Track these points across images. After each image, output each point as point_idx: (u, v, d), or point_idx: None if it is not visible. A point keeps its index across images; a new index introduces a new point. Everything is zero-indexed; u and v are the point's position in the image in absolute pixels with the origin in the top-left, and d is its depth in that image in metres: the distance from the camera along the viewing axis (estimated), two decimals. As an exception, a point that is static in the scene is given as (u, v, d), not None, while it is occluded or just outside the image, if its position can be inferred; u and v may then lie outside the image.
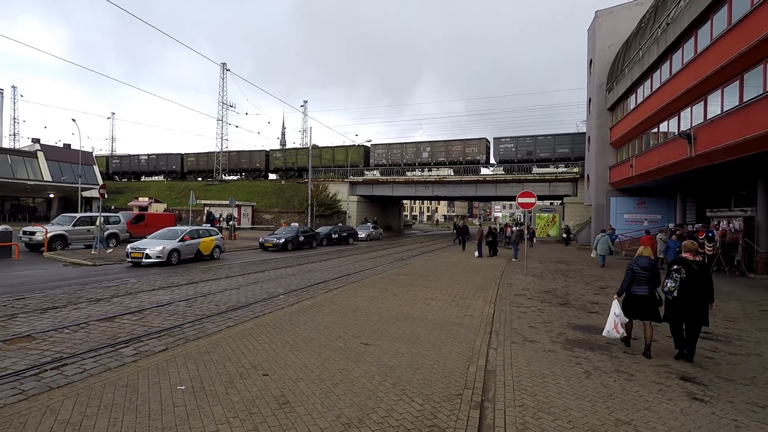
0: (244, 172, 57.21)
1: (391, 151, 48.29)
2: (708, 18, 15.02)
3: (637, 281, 6.35)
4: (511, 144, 42.17)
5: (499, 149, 42.71)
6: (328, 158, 51.16)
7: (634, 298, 6.35)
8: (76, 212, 31.30)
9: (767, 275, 15.38)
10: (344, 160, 49.43)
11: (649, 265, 6.37)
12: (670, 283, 6.01)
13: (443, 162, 45.10)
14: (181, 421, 3.94)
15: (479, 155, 43.50)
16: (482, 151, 43.54)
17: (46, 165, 42.04)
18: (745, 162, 14.07)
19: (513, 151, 41.99)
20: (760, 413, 4.46)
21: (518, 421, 4.13)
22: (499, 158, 42.62)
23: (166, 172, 61.27)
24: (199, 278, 13.21)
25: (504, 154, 42.35)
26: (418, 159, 46.61)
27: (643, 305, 6.28)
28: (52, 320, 7.74)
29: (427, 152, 46.33)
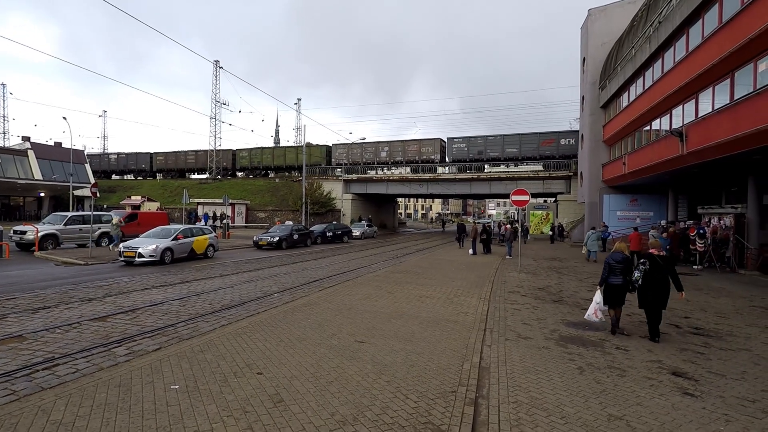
0: (211, 171, 58.23)
1: (352, 151, 49.83)
2: (699, 16, 15.14)
3: (613, 272, 7.21)
4: (463, 144, 44.21)
5: (452, 149, 44.61)
6: (291, 157, 53.36)
7: (611, 287, 7.24)
8: (68, 211, 31.00)
9: (757, 271, 15.57)
10: (308, 159, 49.91)
11: (623, 259, 7.24)
12: (636, 274, 6.97)
13: (400, 161, 46.81)
14: (175, 420, 3.93)
15: (434, 155, 45.30)
16: (436, 151, 45.39)
17: (37, 163, 41.59)
18: (735, 159, 14.21)
19: (465, 151, 43.98)
20: (750, 407, 4.52)
21: (512, 417, 4.16)
22: (452, 158, 44.36)
23: (136, 171, 61.71)
24: (193, 277, 13.14)
25: (456, 154, 44.25)
26: (377, 159, 48.25)
27: (618, 293, 7.20)
28: (43, 320, 7.67)
29: (386, 152, 47.95)
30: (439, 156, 45.22)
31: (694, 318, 8.61)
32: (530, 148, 41.23)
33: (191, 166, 59.23)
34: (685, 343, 6.79)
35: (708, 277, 14.57)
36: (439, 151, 45.22)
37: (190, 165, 59.23)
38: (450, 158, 44.56)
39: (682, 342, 6.87)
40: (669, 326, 7.85)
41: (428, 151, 45.54)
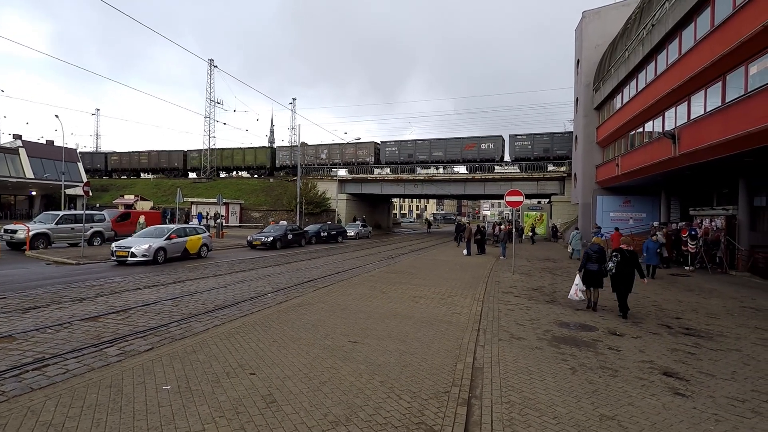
0: (164, 171, 59.32)
1: (294, 153, 51.46)
2: (692, 20, 15.26)
3: (590, 260, 9.01)
4: (395, 147, 46.88)
5: (385, 152, 47.41)
6: (238, 159, 55.09)
7: (589, 272, 9.03)
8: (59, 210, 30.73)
9: (748, 272, 15.74)
10: (253, 161, 53.85)
11: (598, 249, 9.11)
12: (611, 264, 8.72)
13: (338, 162, 48.90)
14: (166, 421, 3.90)
15: (368, 157, 47.68)
16: (371, 154, 47.66)
17: (28, 162, 41.15)
18: (727, 161, 14.35)
19: (396, 154, 46.69)
20: (740, 407, 4.56)
21: (505, 418, 4.17)
22: (385, 160, 47.16)
23: (91, 171, 61.39)
24: (186, 277, 13.07)
25: (389, 157, 46.94)
26: (317, 160, 50.58)
27: (594, 277, 9.00)
28: (33, 320, 7.60)
29: (325, 154, 50.33)
30: (373, 159, 47.54)
31: (686, 318, 8.68)
32: (454, 152, 43.53)
33: (144, 166, 60.54)
34: (677, 344, 6.85)
35: (699, 278, 14.71)
36: (373, 153, 47.49)
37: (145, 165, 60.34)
38: (383, 160, 47.37)
39: (673, 342, 6.93)
40: (660, 327, 7.92)
41: (363, 153, 47.95)
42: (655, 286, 12.82)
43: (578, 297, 9.09)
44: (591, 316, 8.71)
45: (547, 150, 40.39)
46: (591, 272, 8.99)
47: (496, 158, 42.37)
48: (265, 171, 53.24)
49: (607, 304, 9.62)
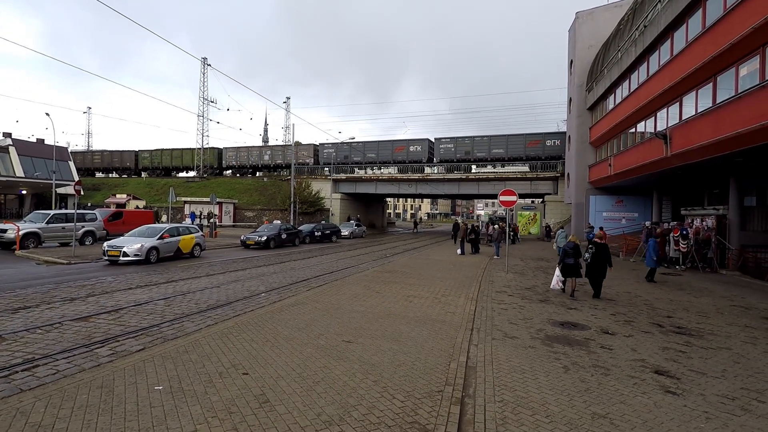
0: (116, 170, 60.82)
1: (239, 154, 54.83)
2: (683, 21, 15.41)
3: (567, 255, 10.55)
4: (332, 149, 49.36)
5: (323, 153, 50.14)
6: (177, 158, 57.44)
7: (566, 265, 10.58)
8: (50, 209, 30.38)
9: (738, 271, 15.92)
10: (191, 161, 56.49)
11: (573, 246, 10.63)
12: (587, 255, 10.39)
13: (281, 164, 52.79)
14: (158, 421, 3.87)
15: (308, 159, 50.81)
16: (311, 155, 50.76)
17: (19, 160, 40.66)
18: (718, 162, 14.51)
19: (333, 155, 48.78)
20: (729, 405, 4.61)
21: (498, 416, 4.18)
22: (323, 161, 49.58)
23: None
24: (179, 276, 12.98)
25: (326, 158, 49.23)
26: (260, 161, 53.83)
27: (571, 269, 10.52)
28: (23, 320, 7.51)
29: (268, 155, 53.73)
30: (312, 160, 50.24)
31: (677, 317, 8.76)
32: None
33: (97, 165, 61.88)
34: (668, 342, 6.91)
35: (690, 277, 14.85)
36: (312, 155, 50.48)
37: (98, 164, 61.76)
38: (321, 161, 49.62)
39: (664, 341, 6.99)
40: (652, 325, 7.99)
41: (304, 155, 50.86)
42: (647, 286, 12.93)
43: (559, 287, 11.17)
44: (582, 315, 8.76)
45: (468, 152, 42.32)
46: (568, 265, 10.53)
47: (423, 160, 44.72)
48: (212, 171, 55.98)
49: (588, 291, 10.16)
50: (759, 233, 16.68)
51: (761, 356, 6.34)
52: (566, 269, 10.60)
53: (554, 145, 40.26)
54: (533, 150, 41.09)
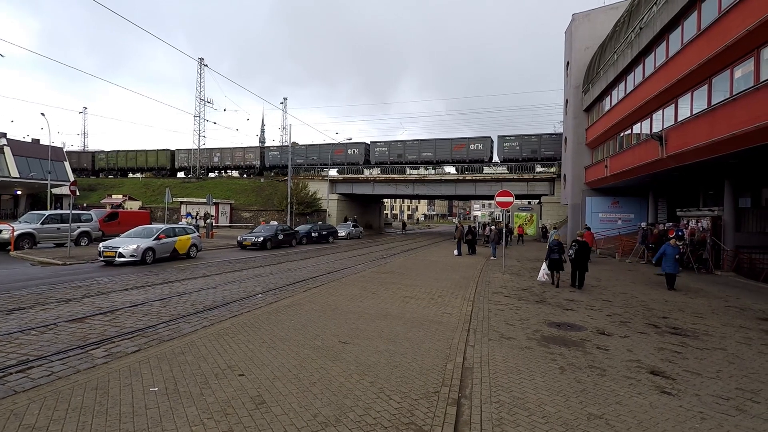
0: (74, 171, 60.95)
1: (192, 155, 56.89)
2: (679, 23, 15.50)
3: (552, 252, 12.32)
4: (276, 152, 52.36)
5: (268, 155, 52.92)
6: (132, 160, 59.25)
7: (552, 260, 12.36)
8: (45, 210, 30.22)
9: (733, 272, 16.00)
10: (145, 162, 58.53)
11: (557, 243, 12.42)
12: (570, 251, 12.04)
13: (229, 165, 55.71)
14: (153, 423, 3.86)
15: (254, 161, 53.56)
16: (257, 158, 53.53)
17: (13, 160, 40.45)
18: (713, 163, 14.58)
19: (278, 158, 51.84)
20: (724, 405, 4.63)
21: (494, 417, 4.19)
22: (269, 164, 52.68)
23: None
24: (175, 277, 12.94)
25: (272, 160, 52.51)
26: (210, 163, 56.22)
27: (556, 263, 12.30)
28: (18, 321, 7.46)
29: (218, 157, 55.98)
30: (259, 163, 53.23)
31: (672, 318, 8.79)
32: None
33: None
34: (663, 343, 6.93)
35: (685, 278, 14.90)
36: (258, 158, 53.16)
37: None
38: (267, 164, 52.98)
39: (660, 341, 7.01)
40: (648, 326, 8.02)
41: (250, 157, 53.83)
42: (642, 287, 12.98)
43: (545, 279, 12.87)
44: (578, 316, 8.78)
45: (535, 151, 41.09)
46: (553, 260, 12.33)
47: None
48: (167, 171, 58.40)
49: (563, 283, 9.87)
50: (754, 234, 16.78)
51: (756, 357, 6.38)
52: (552, 264, 12.41)
53: (477, 149, 43.00)
54: (458, 154, 43.63)
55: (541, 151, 40.49)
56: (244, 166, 53.96)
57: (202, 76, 55.73)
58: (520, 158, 41.02)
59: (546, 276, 12.82)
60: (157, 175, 58.07)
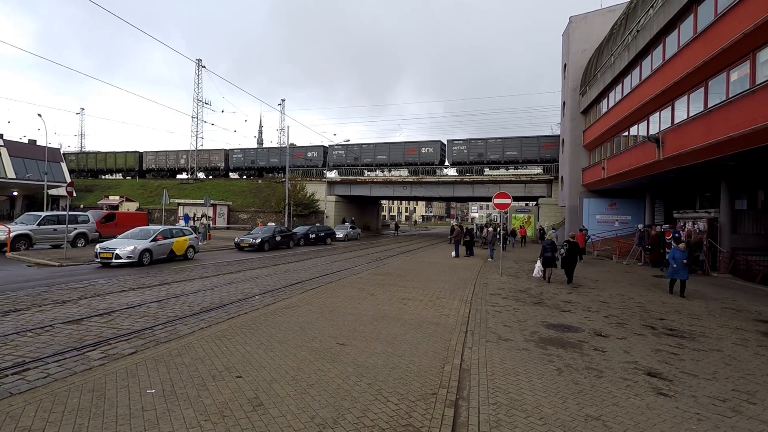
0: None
1: (158, 157, 58.43)
2: (675, 26, 15.58)
3: (546, 250, 13.76)
4: (240, 155, 53.74)
5: (232, 157, 54.29)
6: (102, 161, 61.04)
7: (545, 258, 13.73)
8: (42, 211, 30.11)
9: (729, 274, 16.07)
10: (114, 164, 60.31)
11: (550, 243, 14.01)
12: (562, 250, 13.57)
13: (203, 167, 56.56)
14: (150, 425, 3.84)
15: (219, 163, 54.91)
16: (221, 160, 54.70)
17: (10, 161, 40.20)
18: (709, 165, 14.65)
19: (242, 160, 53.34)
20: (721, 406, 4.65)
21: (492, 419, 4.19)
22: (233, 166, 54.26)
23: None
24: (172, 279, 12.90)
25: (236, 162, 53.69)
26: (177, 165, 57.44)
27: (549, 261, 13.70)
28: (14, 323, 7.43)
29: (184, 159, 56.78)
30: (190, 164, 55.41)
31: (669, 319, 8.82)
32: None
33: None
34: (660, 344, 6.95)
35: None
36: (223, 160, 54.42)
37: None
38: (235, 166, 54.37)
39: (657, 343, 7.04)
40: (645, 327, 8.04)
41: (177, 158, 56.27)
42: (639, 288, 13.01)
43: (539, 275, 14.22)
44: (575, 318, 8.80)
45: (482, 154, 42.93)
46: (546, 258, 13.74)
47: (319, 165, 46.87)
48: (135, 173, 59.66)
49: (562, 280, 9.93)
50: (750, 236, 16.86)
51: (752, 358, 6.40)
52: (545, 261, 13.79)
53: (428, 153, 44.93)
54: (411, 157, 45.48)
55: (487, 155, 41.92)
56: (210, 168, 55.72)
57: (199, 78, 55.65)
58: (467, 161, 42.60)
59: (540, 272, 14.19)
60: (125, 177, 60.37)
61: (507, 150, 41.94)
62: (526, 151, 41.01)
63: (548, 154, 39.75)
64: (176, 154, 57.34)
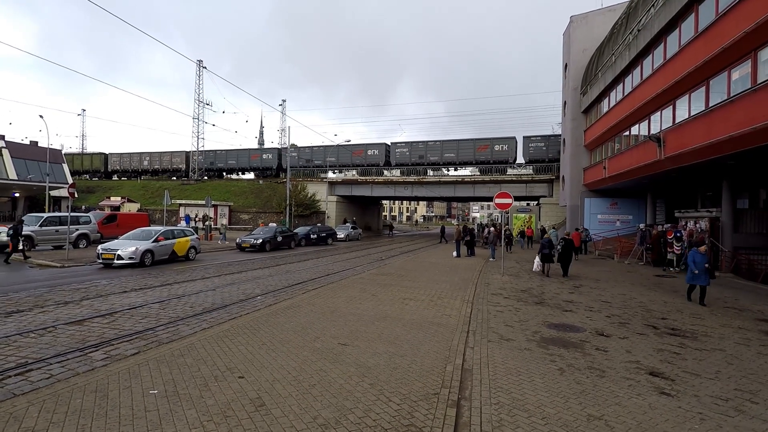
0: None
1: (122, 159, 60.96)
2: (676, 25, 15.56)
3: (544, 247, 15.19)
4: (201, 156, 54.94)
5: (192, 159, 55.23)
6: (78, 165, 62.01)
7: (544, 254, 15.13)
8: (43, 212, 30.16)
9: (731, 273, 16.03)
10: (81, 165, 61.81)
11: (548, 241, 15.47)
12: (559, 247, 15.33)
13: (158, 169, 58.71)
14: (153, 426, 3.85)
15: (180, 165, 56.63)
16: (182, 162, 56.85)
17: (12, 163, 40.28)
18: (711, 164, 14.63)
19: (202, 162, 54.67)
20: (723, 406, 4.64)
21: (494, 419, 4.19)
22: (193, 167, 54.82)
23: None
24: (174, 280, 12.92)
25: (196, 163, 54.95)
26: (141, 166, 59.34)
27: (546, 257, 15.11)
28: (16, 324, 7.44)
29: (147, 161, 58.57)
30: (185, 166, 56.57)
31: (671, 319, 8.81)
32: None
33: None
34: (662, 344, 6.95)
35: (683, 279, 14.91)
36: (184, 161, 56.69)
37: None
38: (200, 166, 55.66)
39: (659, 342, 7.03)
40: (647, 327, 8.03)
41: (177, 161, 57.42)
42: (641, 288, 13.00)
43: (538, 269, 15.50)
44: (577, 317, 8.80)
45: (309, 161, 46.24)
46: (545, 254, 15.13)
47: (274, 167, 47.07)
48: (100, 174, 62.17)
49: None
50: (752, 235, 16.82)
51: (754, 357, 6.39)
52: (544, 257, 15.21)
53: (374, 155, 46.65)
54: (358, 159, 47.10)
55: (427, 157, 42.66)
56: (172, 169, 57.64)
57: (200, 79, 55.69)
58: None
59: (539, 266, 15.54)
60: (92, 177, 62.39)
61: (445, 152, 43.70)
62: (462, 153, 42.80)
63: (482, 156, 41.87)
64: (138, 156, 59.93)
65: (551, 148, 39.66)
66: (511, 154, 42.04)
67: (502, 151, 41.92)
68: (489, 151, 42.24)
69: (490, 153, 42.22)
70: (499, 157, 42.03)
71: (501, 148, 41.97)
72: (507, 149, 41.92)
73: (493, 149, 42.16)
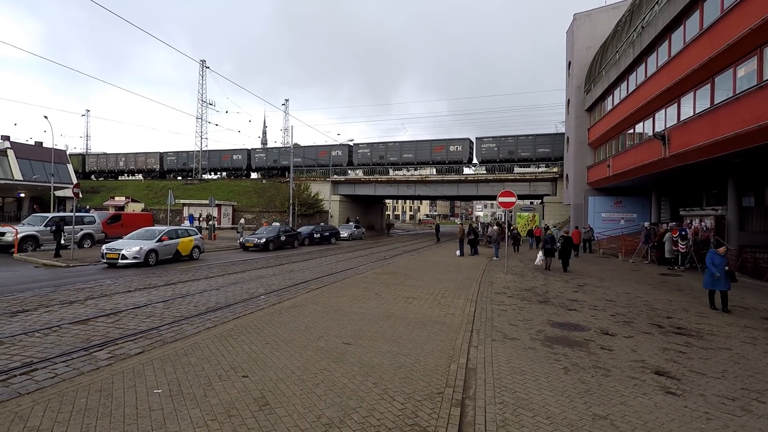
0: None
1: (99, 160, 62.02)
2: (681, 22, 15.44)
3: (546, 243, 16.38)
4: (174, 157, 56.34)
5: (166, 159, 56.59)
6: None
7: (546, 249, 16.34)
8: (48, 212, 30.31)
9: (737, 272, 15.89)
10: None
11: (550, 237, 16.69)
12: (558, 244, 16.52)
13: (133, 170, 59.49)
14: (157, 425, 3.86)
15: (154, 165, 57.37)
16: (157, 162, 57.33)
17: (17, 163, 40.49)
18: (716, 162, 14.52)
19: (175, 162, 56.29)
20: (730, 405, 4.61)
21: (498, 418, 4.17)
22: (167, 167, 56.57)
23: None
24: (178, 279, 12.95)
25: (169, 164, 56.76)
26: (117, 167, 60.26)
27: (548, 252, 16.28)
28: (21, 324, 7.48)
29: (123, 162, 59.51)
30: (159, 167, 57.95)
31: (677, 318, 8.76)
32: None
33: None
34: (668, 343, 6.90)
35: (689, 278, 14.86)
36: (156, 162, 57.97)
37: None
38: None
39: (664, 341, 6.98)
40: (652, 326, 7.99)
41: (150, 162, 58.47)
42: (646, 286, 12.93)
43: (540, 263, 16.70)
44: (581, 316, 8.76)
45: (276, 161, 47.29)
46: (547, 249, 16.32)
47: (464, 160, 44.83)
48: (79, 174, 58.71)
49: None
50: (757, 233, 16.70)
51: (761, 356, 6.34)
52: (546, 252, 16.40)
53: (338, 155, 47.72)
54: (323, 159, 47.38)
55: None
56: (146, 170, 58.17)
57: (204, 78, 55.85)
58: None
59: (541, 261, 16.75)
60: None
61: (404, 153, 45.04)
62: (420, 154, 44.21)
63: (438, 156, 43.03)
64: (114, 157, 61.06)
65: (502, 148, 41.30)
66: (465, 155, 43.10)
67: (456, 151, 43.20)
68: (445, 151, 43.58)
69: (446, 153, 43.53)
70: (454, 157, 43.34)
71: (456, 149, 43.27)
72: (462, 150, 43.13)
73: (449, 150, 43.45)
